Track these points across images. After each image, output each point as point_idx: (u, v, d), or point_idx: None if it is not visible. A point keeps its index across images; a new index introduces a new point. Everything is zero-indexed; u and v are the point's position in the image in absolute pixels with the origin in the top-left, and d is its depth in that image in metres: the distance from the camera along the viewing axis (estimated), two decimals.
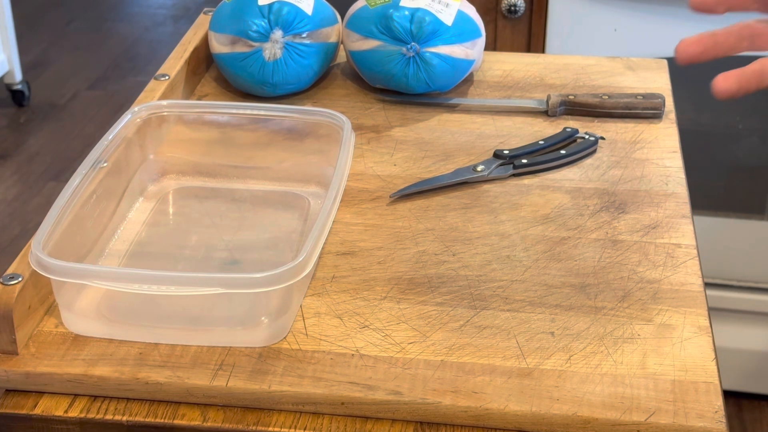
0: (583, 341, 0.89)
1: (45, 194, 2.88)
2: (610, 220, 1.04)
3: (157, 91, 1.17)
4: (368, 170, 1.12)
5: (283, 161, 1.10)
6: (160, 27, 3.89)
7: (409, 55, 1.19)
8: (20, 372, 0.87)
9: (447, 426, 0.84)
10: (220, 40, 1.23)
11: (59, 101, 3.35)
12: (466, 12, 1.23)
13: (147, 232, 1.04)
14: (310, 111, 1.08)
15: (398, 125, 1.21)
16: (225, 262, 1.00)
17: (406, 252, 1.00)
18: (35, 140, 3.15)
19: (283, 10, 1.20)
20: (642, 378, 0.85)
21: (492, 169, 1.10)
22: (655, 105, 1.21)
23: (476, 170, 1.10)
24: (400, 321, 0.91)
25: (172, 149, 1.11)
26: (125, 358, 0.87)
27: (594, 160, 1.14)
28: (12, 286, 0.88)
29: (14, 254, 0.92)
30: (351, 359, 0.87)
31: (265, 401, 0.85)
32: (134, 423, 0.85)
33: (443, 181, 1.09)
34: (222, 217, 1.07)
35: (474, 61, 1.25)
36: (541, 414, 0.82)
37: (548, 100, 1.22)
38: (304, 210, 1.07)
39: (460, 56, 1.22)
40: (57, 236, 0.90)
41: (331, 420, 0.84)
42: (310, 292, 0.94)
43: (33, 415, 0.85)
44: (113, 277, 0.89)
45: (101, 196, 0.99)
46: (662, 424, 0.81)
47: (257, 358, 0.87)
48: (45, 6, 3.98)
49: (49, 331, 0.91)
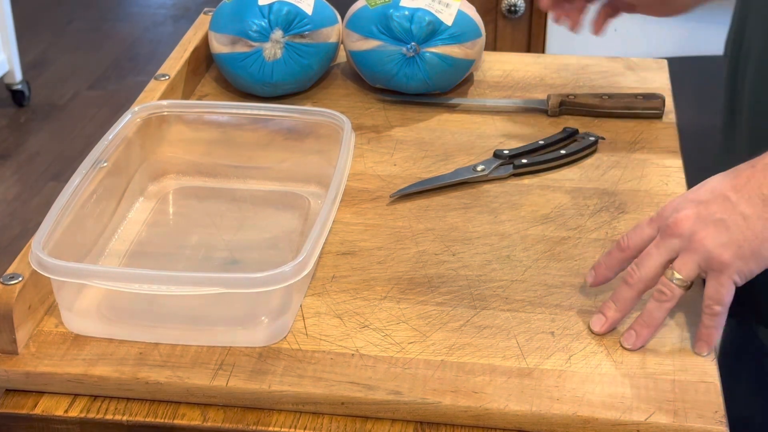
0: (583, 341, 0.89)
1: (45, 194, 2.87)
2: (610, 220, 1.04)
3: (157, 91, 1.17)
4: (368, 170, 1.12)
5: (283, 161, 1.10)
6: (160, 27, 3.89)
7: (409, 55, 1.19)
8: (20, 372, 0.87)
9: (447, 426, 0.84)
10: (220, 40, 1.23)
11: (59, 101, 3.35)
12: (467, 12, 1.23)
13: (147, 232, 1.04)
14: (310, 111, 1.08)
15: (398, 125, 1.21)
16: (225, 262, 1.00)
17: (406, 252, 1.00)
18: (35, 140, 3.15)
19: (283, 10, 1.20)
20: (642, 378, 0.85)
21: (492, 169, 1.10)
22: (655, 105, 1.21)
23: (476, 170, 1.10)
24: (400, 321, 0.91)
25: (172, 149, 1.11)
26: (125, 358, 0.87)
27: (594, 160, 1.14)
28: (12, 286, 0.88)
29: (14, 254, 0.92)
30: (351, 359, 0.87)
31: (265, 401, 0.85)
32: (134, 423, 0.85)
33: (443, 180, 1.09)
34: (222, 217, 1.07)
35: (474, 61, 1.25)
36: (541, 414, 0.82)
37: (548, 100, 1.22)
38: (304, 210, 1.07)
39: (460, 56, 1.22)
40: (57, 236, 0.90)
41: (331, 420, 0.84)
42: (310, 292, 0.94)
43: (33, 415, 0.85)
44: (113, 277, 0.89)
45: (101, 196, 0.99)
46: (662, 424, 0.81)
47: (257, 358, 0.87)
48: (45, 6, 3.98)
49: (49, 331, 0.91)
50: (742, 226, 0.84)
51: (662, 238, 0.87)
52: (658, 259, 0.87)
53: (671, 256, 0.87)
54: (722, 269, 0.85)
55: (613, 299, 0.90)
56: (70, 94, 3.39)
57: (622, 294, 0.89)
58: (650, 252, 0.88)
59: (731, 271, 0.85)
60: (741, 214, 0.85)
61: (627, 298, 0.89)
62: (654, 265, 0.88)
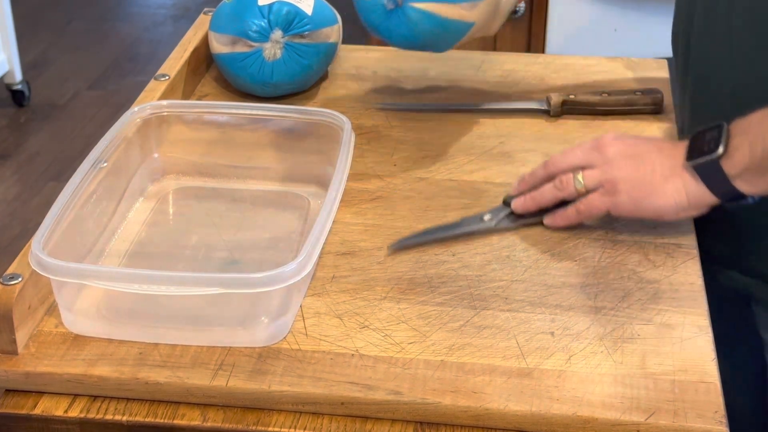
0: (583, 341, 0.89)
1: (45, 194, 2.87)
2: (610, 220, 1.04)
3: (157, 91, 1.17)
4: (368, 170, 1.12)
5: (283, 161, 1.10)
6: (160, 27, 3.89)
7: (389, 7, 1.07)
8: (20, 372, 0.87)
9: (447, 426, 0.84)
10: (220, 40, 1.23)
11: (59, 101, 3.35)
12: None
13: (147, 232, 1.04)
14: (310, 111, 1.08)
15: (398, 125, 1.21)
16: (225, 262, 1.00)
17: (406, 252, 1.00)
18: (35, 140, 3.15)
19: (282, 11, 1.20)
20: (642, 378, 0.85)
21: (500, 219, 1.03)
22: (655, 100, 1.22)
23: (483, 220, 1.03)
24: (400, 321, 0.91)
25: (172, 149, 1.11)
26: (125, 358, 0.87)
27: None
28: (12, 286, 0.88)
29: (14, 254, 0.92)
30: (351, 359, 0.87)
31: (265, 401, 0.85)
32: (134, 423, 0.85)
33: (447, 232, 1.02)
34: (222, 217, 1.07)
35: (473, 24, 1.08)
36: (541, 414, 0.82)
37: (549, 100, 1.22)
38: (304, 210, 1.07)
39: (453, 17, 1.07)
40: (57, 236, 0.90)
41: (330, 420, 0.84)
42: (310, 292, 0.94)
43: (33, 415, 0.85)
44: (113, 277, 0.89)
45: (101, 196, 0.99)
46: (662, 424, 0.81)
47: (257, 358, 0.87)
48: (45, 6, 3.98)
49: (49, 331, 0.91)
50: (648, 174, 0.96)
51: (590, 149, 1.00)
52: (577, 159, 1.00)
53: (586, 165, 0.99)
54: (612, 194, 0.97)
55: (529, 172, 1.04)
56: (70, 94, 3.39)
57: (536, 171, 1.03)
58: (575, 152, 1.01)
59: (616, 200, 0.97)
60: (652, 163, 0.97)
61: (537, 175, 1.03)
62: (571, 162, 1.00)
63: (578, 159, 1.00)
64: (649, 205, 0.96)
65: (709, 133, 0.95)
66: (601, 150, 0.99)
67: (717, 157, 0.92)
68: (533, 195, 1.02)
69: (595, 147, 1.00)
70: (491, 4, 1.08)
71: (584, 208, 0.99)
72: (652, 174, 0.96)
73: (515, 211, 1.03)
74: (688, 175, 0.95)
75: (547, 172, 1.02)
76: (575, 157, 1.00)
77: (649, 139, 1.04)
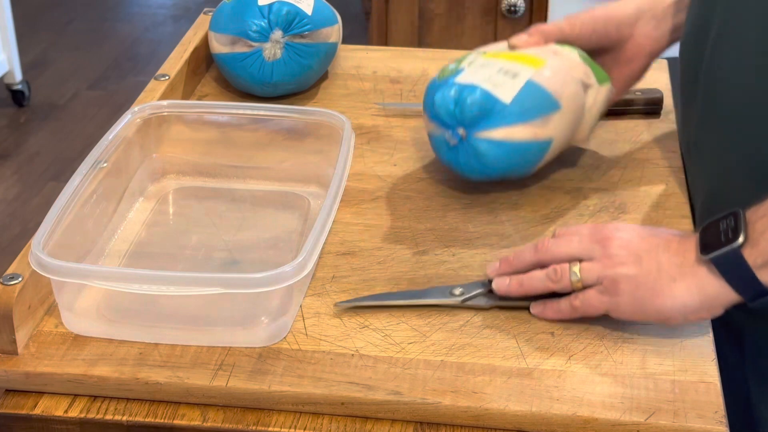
0: (583, 341, 0.89)
1: (45, 194, 2.87)
2: (610, 220, 1.04)
3: (157, 91, 1.17)
4: (368, 170, 1.12)
5: (283, 161, 1.10)
6: (160, 27, 3.89)
7: (452, 143, 1.02)
8: (20, 372, 0.87)
9: (447, 426, 0.84)
10: (220, 40, 1.23)
11: (59, 101, 3.35)
12: (538, 82, 1.01)
13: (147, 232, 1.04)
14: (310, 111, 1.08)
15: (398, 125, 1.21)
16: (225, 262, 1.00)
17: (406, 252, 1.00)
18: (35, 140, 3.15)
19: (283, 10, 1.20)
20: (642, 378, 0.85)
21: (473, 296, 0.93)
22: (655, 100, 1.22)
23: (453, 294, 0.93)
24: (400, 321, 0.91)
25: (172, 149, 1.11)
26: (125, 358, 0.87)
27: (594, 160, 1.14)
28: (12, 286, 0.88)
29: (14, 254, 0.92)
30: (351, 359, 0.87)
31: (265, 401, 0.85)
32: (134, 423, 0.85)
33: (407, 299, 0.93)
34: (222, 217, 1.07)
35: (551, 141, 1.02)
36: (541, 414, 0.82)
37: None
38: (304, 210, 1.07)
39: (524, 139, 1.01)
40: (57, 236, 0.90)
41: (330, 420, 0.84)
42: (310, 292, 0.94)
43: (33, 415, 0.85)
44: (113, 277, 0.89)
45: (101, 196, 0.99)
46: (662, 425, 0.81)
47: (257, 358, 0.87)
48: (45, 6, 3.98)
49: (49, 331, 0.91)
50: (653, 272, 0.87)
51: (589, 240, 0.90)
52: (573, 249, 0.90)
53: (584, 257, 0.90)
54: (612, 294, 0.88)
55: (515, 253, 0.94)
56: (70, 94, 3.39)
57: (524, 253, 0.93)
58: (572, 240, 0.91)
59: (616, 300, 0.88)
60: (659, 261, 0.87)
61: (525, 259, 0.92)
62: (567, 252, 0.91)
63: (575, 249, 0.90)
64: (653, 308, 0.87)
65: (723, 222, 0.86)
66: (602, 242, 0.89)
67: (738, 246, 0.83)
68: (521, 280, 0.91)
69: (595, 238, 0.90)
70: (568, 112, 1.02)
71: (580, 305, 0.89)
72: (658, 273, 0.87)
73: (496, 292, 0.92)
74: (703, 272, 0.85)
75: (537, 258, 0.92)
76: (572, 247, 0.91)
77: (656, 231, 0.91)
